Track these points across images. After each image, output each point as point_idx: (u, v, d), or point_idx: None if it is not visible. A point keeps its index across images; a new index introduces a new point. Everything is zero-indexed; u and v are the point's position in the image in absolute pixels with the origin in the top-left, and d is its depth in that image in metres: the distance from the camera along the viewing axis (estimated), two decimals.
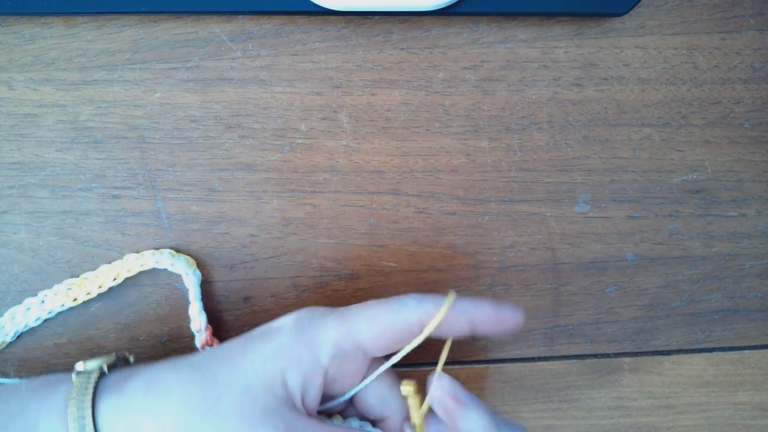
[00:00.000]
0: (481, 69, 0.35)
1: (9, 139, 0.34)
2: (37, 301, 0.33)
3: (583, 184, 0.35)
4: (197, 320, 0.33)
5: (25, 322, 0.33)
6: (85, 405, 0.25)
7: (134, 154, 0.34)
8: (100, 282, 0.33)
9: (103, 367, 0.27)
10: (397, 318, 0.28)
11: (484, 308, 0.29)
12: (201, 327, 0.33)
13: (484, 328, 0.29)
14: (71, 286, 0.33)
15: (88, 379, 0.26)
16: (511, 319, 0.29)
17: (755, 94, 0.36)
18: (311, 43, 0.34)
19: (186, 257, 0.34)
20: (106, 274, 0.33)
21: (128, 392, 0.25)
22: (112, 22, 0.34)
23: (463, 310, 0.28)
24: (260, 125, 0.34)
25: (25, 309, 0.33)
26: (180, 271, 0.33)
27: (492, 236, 0.35)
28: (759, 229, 0.36)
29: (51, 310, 0.33)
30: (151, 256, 0.33)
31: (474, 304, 0.29)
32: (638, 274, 0.36)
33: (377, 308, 0.28)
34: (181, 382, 0.25)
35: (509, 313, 0.29)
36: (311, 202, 0.35)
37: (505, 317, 0.29)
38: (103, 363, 0.27)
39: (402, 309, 0.28)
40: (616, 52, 0.35)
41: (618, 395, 0.37)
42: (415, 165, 0.35)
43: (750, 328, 0.37)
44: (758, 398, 0.37)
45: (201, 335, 0.33)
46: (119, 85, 0.34)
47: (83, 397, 0.25)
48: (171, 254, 0.33)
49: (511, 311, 0.29)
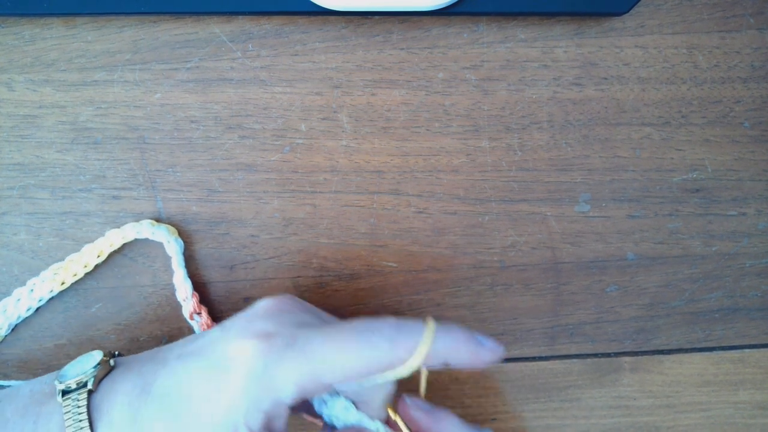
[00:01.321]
0: (481, 69, 0.35)
1: (9, 140, 0.34)
2: (26, 290, 0.33)
3: (583, 184, 0.35)
4: (182, 288, 0.33)
5: (18, 314, 0.33)
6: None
7: (134, 154, 0.34)
8: (85, 261, 0.33)
9: (89, 384, 0.27)
10: (367, 365, 0.26)
11: (463, 344, 0.27)
12: (187, 295, 0.33)
13: (460, 363, 0.27)
14: (57, 270, 0.33)
15: (78, 405, 0.26)
16: (489, 354, 0.27)
17: (755, 93, 0.36)
18: (311, 43, 0.34)
19: (167, 225, 0.34)
20: (90, 253, 0.33)
21: (117, 428, 0.26)
22: (112, 22, 0.34)
23: (439, 351, 0.26)
24: (260, 125, 0.34)
25: (15, 300, 0.33)
26: (161, 239, 0.33)
27: (492, 236, 0.35)
28: (759, 228, 0.36)
29: (41, 298, 0.33)
30: (131, 228, 0.33)
31: (452, 339, 0.27)
32: (638, 273, 0.36)
33: (344, 352, 0.26)
34: (157, 426, 0.25)
35: (488, 350, 0.27)
36: (311, 203, 0.35)
37: (483, 353, 0.27)
38: (90, 380, 0.27)
39: (372, 354, 0.26)
40: (616, 51, 0.35)
41: (619, 394, 0.37)
42: (415, 165, 0.35)
43: (750, 327, 0.37)
44: (758, 397, 0.37)
45: (188, 303, 0.33)
46: (119, 85, 0.34)
47: (79, 425, 0.26)
48: (151, 224, 0.33)
49: (490, 346, 0.27)
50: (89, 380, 0.27)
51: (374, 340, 0.26)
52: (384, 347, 0.26)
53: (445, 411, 0.30)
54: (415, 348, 0.26)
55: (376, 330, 0.26)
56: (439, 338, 0.26)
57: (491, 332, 0.36)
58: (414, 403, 0.30)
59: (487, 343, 0.27)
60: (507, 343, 0.36)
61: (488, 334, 0.28)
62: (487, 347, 0.27)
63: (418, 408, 0.29)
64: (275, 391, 0.25)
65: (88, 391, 0.27)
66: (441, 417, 0.29)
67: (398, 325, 0.27)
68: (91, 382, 0.27)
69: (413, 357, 0.26)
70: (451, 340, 0.27)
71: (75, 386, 0.27)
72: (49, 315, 0.34)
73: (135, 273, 0.34)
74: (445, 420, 0.29)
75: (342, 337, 0.26)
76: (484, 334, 0.27)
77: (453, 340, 0.27)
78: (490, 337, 0.28)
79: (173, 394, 0.26)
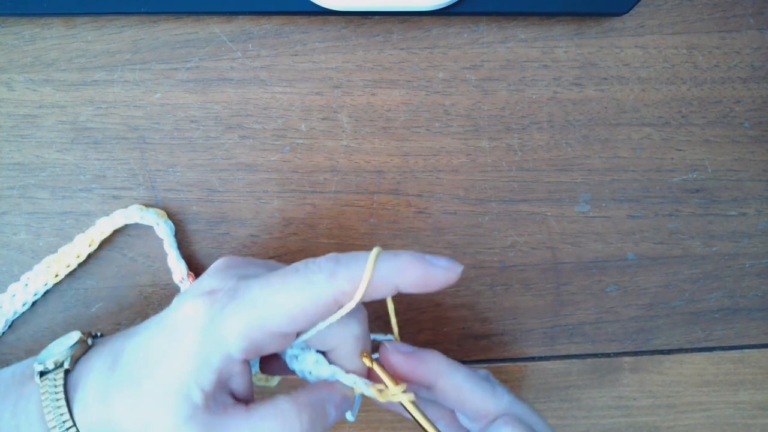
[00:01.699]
0: (481, 69, 0.35)
1: (9, 140, 0.34)
2: (20, 285, 0.33)
3: (583, 184, 0.35)
4: (177, 269, 0.33)
5: (14, 309, 0.33)
6: (62, 412, 0.26)
7: (134, 154, 0.34)
8: (77, 252, 0.33)
9: (66, 364, 0.27)
10: (308, 302, 0.24)
11: (410, 266, 0.25)
12: (183, 276, 0.33)
13: (413, 289, 0.25)
14: (50, 263, 0.33)
15: (55, 385, 0.26)
16: (443, 273, 0.25)
17: (755, 94, 0.36)
18: (311, 43, 0.34)
19: (155, 209, 0.34)
20: (81, 242, 0.33)
21: (90, 403, 0.26)
22: (112, 22, 0.34)
23: (386, 276, 0.25)
24: (260, 125, 0.34)
25: (10, 296, 0.33)
26: (150, 222, 0.33)
27: (492, 236, 0.35)
28: (759, 228, 0.36)
29: (36, 292, 0.33)
30: (120, 214, 0.33)
31: (398, 261, 0.25)
32: (638, 273, 0.36)
33: (283, 292, 0.25)
34: (120, 395, 0.25)
35: (441, 269, 0.25)
36: (311, 203, 0.35)
37: (435, 272, 0.25)
38: (67, 359, 0.27)
39: (311, 289, 0.24)
40: (616, 51, 0.35)
41: (618, 395, 0.37)
42: (415, 165, 0.35)
43: (750, 327, 0.37)
44: (758, 397, 0.37)
45: (184, 284, 0.33)
46: (119, 85, 0.34)
47: (56, 403, 0.26)
48: (139, 208, 0.33)
49: (443, 264, 0.25)
50: (66, 360, 0.27)
51: (313, 276, 0.25)
52: (323, 281, 0.25)
53: (429, 351, 0.29)
54: (357, 278, 0.25)
55: (314, 266, 0.25)
56: (384, 263, 0.25)
57: (491, 332, 0.36)
58: (393, 347, 0.28)
59: (440, 261, 0.25)
60: (507, 343, 0.36)
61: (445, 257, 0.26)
62: (439, 266, 0.25)
63: (397, 352, 0.28)
64: (223, 346, 0.24)
65: (65, 370, 0.27)
66: (425, 358, 0.28)
67: (337, 257, 0.25)
68: (68, 361, 0.27)
69: (358, 287, 0.25)
70: (397, 263, 0.25)
71: (53, 366, 0.27)
72: (50, 315, 0.34)
73: (135, 273, 0.34)
74: (429, 360, 0.28)
75: (281, 279, 0.25)
76: (438, 255, 0.26)
77: (399, 263, 0.25)
78: (444, 256, 0.26)
79: (136, 362, 0.26)
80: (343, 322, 0.26)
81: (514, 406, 0.28)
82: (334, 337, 0.27)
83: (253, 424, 0.25)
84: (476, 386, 0.28)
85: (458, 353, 0.36)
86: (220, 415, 0.25)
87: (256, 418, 0.25)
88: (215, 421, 0.25)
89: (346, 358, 0.27)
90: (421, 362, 0.28)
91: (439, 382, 0.28)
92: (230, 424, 0.25)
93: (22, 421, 0.26)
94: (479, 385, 0.28)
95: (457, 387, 0.28)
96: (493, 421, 0.28)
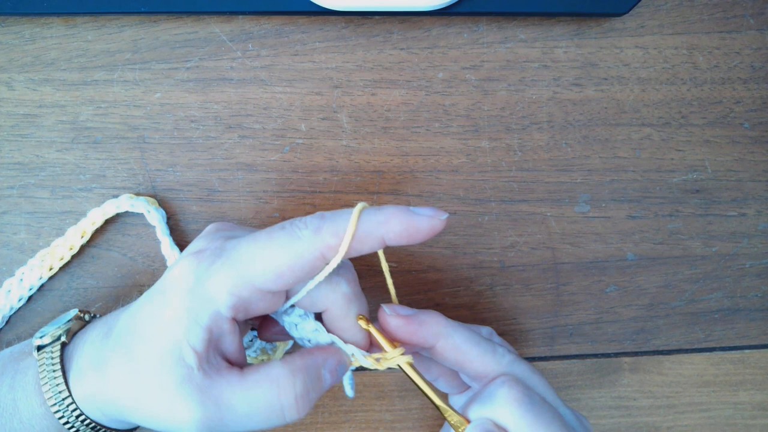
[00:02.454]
0: (481, 69, 0.35)
1: (9, 140, 0.34)
2: (15, 280, 0.33)
3: (583, 184, 0.35)
4: (171, 256, 0.33)
5: (10, 305, 0.33)
6: (58, 383, 0.26)
7: (134, 154, 0.34)
8: (70, 244, 0.33)
9: (62, 338, 0.27)
10: (294, 257, 0.25)
11: (394, 217, 0.25)
12: None
13: (399, 240, 0.26)
14: (44, 256, 0.33)
15: (52, 357, 0.27)
16: (427, 221, 0.25)
17: (755, 94, 0.36)
18: (311, 43, 0.34)
19: (145, 197, 0.34)
20: (74, 234, 0.33)
21: (85, 372, 0.26)
22: (112, 22, 0.34)
23: (371, 229, 0.25)
24: (260, 125, 0.34)
25: (5, 292, 0.33)
26: (141, 210, 0.33)
27: (492, 236, 0.35)
28: (759, 228, 0.36)
29: (31, 286, 0.33)
30: (111, 204, 0.33)
31: (382, 214, 0.25)
32: (638, 273, 0.36)
33: (269, 248, 0.25)
34: (114, 362, 0.26)
35: (425, 217, 0.25)
36: (311, 202, 0.35)
37: (419, 221, 0.25)
38: (63, 333, 0.27)
39: (297, 245, 0.25)
40: (616, 52, 0.35)
41: (618, 395, 0.37)
42: (415, 165, 0.35)
43: (750, 328, 0.37)
44: (758, 398, 0.37)
45: None
46: (119, 85, 0.34)
47: (53, 374, 0.26)
48: (129, 197, 0.33)
49: (427, 213, 0.26)
50: (62, 334, 0.27)
51: (298, 231, 0.25)
52: (308, 236, 0.25)
53: (428, 313, 0.28)
54: (342, 231, 0.25)
55: (300, 222, 0.25)
56: (368, 216, 0.25)
57: None
58: (392, 311, 0.28)
59: (424, 210, 0.26)
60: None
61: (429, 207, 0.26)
62: (423, 215, 0.25)
63: (396, 315, 0.28)
64: (211, 303, 0.25)
65: (62, 343, 0.27)
66: (423, 320, 0.28)
67: (323, 214, 0.26)
68: (65, 335, 0.27)
69: (342, 241, 0.25)
70: (381, 215, 0.25)
71: (50, 341, 0.27)
72: (49, 314, 0.34)
73: (135, 273, 0.34)
74: (428, 322, 0.28)
75: (267, 236, 0.25)
76: (422, 206, 0.26)
77: (384, 215, 0.25)
78: (427, 206, 0.26)
79: (128, 328, 0.26)
80: (332, 281, 0.26)
81: (515, 366, 0.28)
82: (324, 297, 0.27)
83: (247, 387, 0.25)
84: (476, 347, 0.28)
85: None
86: (214, 378, 0.25)
87: (250, 382, 0.25)
88: (210, 383, 0.25)
89: (339, 319, 0.27)
90: (419, 325, 0.28)
91: (438, 344, 0.28)
92: (224, 387, 0.25)
93: (19, 394, 0.27)
94: (479, 345, 0.28)
95: (456, 348, 0.28)
96: (493, 380, 0.28)
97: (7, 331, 0.34)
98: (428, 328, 0.28)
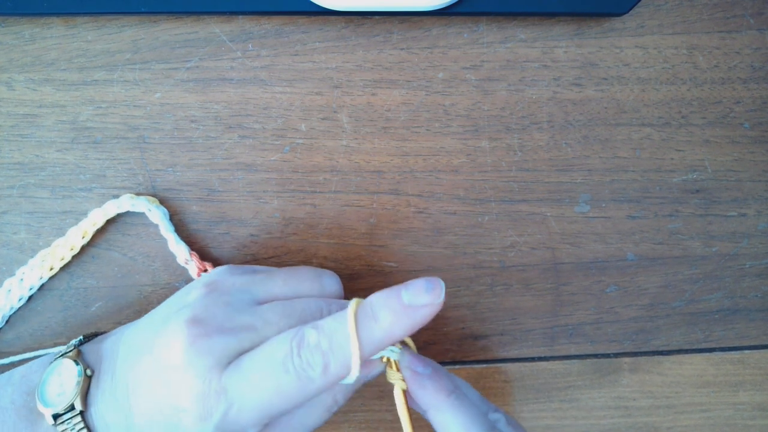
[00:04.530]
0: (481, 69, 0.35)
1: (9, 140, 0.34)
2: (16, 280, 0.33)
3: (583, 184, 0.35)
4: (179, 252, 0.33)
5: (10, 305, 0.33)
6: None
7: (134, 154, 0.34)
8: (71, 244, 0.33)
9: (78, 404, 0.27)
10: (307, 398, 0.25)
11: (397, 330, 0.25)
12: (186, 257, 0.33)
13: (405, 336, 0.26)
14: (45, 256, 0.33)
15: (74, 429, 0.27)
16: (429, 312, 0.25)
17: (755, 94, 0.36)
18: (311, 43, 0.34)
19: (146, 196, 0.34)
20: (75, 234, 0.33)
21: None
22: (112, 22, 0.34)
23: (376, 347, 0.25)
24: (260, 125, 0.34)
25: (6, 291, 0.33)
26: (142, 209, 0.33)
27: (492, 236, 0.35)
28: (759, 228, 0.36)
29: (32, 286, 0.33)
30: (112, 204, 0.33)
31: (384, 334, 0.25)
32: (638, 273, 0.36)
33: (282, 396, 0.25)
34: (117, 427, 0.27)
35: (425, 310, 0.25)
36: (311, 202, 0.35)
37: (421, 320, 0.25)
38: (76, 400, 0.27)
39: (309, 388, 0.25)
40: (616, 52, 0.35)
41: (618, 395, 0.37)
42: (415, 165, 0.35)
43: (750, 328, 0.37)
44: (758, 398, 0.37)
45: (191, 265, 0.33)
46: (119, 85, 0.34)
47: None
48: (130, 197, 0.33)
49: (426, 305, 0.25)
50: (75, 400, 0.27)
51: (307, 374, 0.25)
52: (318, 377, 0.25)
53: (434, 380, 0.28)
54: (349, 360, 0.25)
55: (304, 362, 0.25)
56: (368, 335, 0.25)
57: (491, 332, 0.36)
58: (411, 361, 0.28)
59: (419, 299, 0.25)
60: (507, 343, 0.36)
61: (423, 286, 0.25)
62: (421, 305, 0.25)
63: (408, 368, 0.28)
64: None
65: (80, 412, 0.27)
66: (425, 384, 0.28)
67: (320, 346, 0.25)
68: (78, 402, 0.27)
69: (351, 368, 0.25)
70: (382, 333, 0.25)
71: (64, 410, 0.27)
72: (49, 314, 0.34)
73: (135, 272, 0.34)
74: (429, 389, 0.28)
75: (275, 383, 0.25)
76: (416, 284, 0.25)
77: (383, 331, 0.25)
78: (422, 283, 0.25)
79: (155, 412, 0.26)
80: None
81: None
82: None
83: None
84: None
85: (458, 353, 0.36)
86: None
87: None
88: None
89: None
90: (419, 387, 0.28)
91: (429, 413, 0.28)
92: None
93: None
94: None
95: (443, 426, 0.27)
96: None
97: (7, 331, 0.34)
98: (425, 394, 0.28)
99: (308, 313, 0.27)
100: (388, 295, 0.25)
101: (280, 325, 0.27)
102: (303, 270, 0.30)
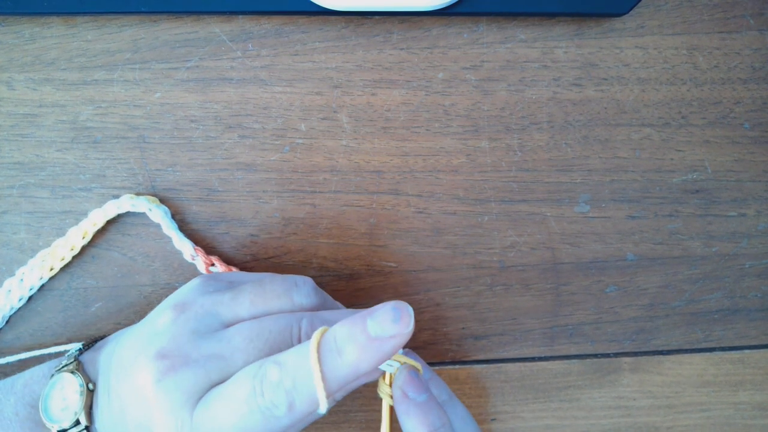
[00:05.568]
0: (481, 69, 0.35)
1: (9, 139, 0.34)
2: (16, 280, 0.33)
3: (583, 184, 0.35)
4: (185, 248, 0.33)
5: (10, 305, 0.33)
6: None
7: (134, 154, 0.34)
8: (71, 244, 0.33)
9: (83, 420, 0.27)
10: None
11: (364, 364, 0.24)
12: (192, 252, 0.33)
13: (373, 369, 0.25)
14: (45, 256, 0.33)
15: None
16: (398, 342, 0.24)
17: (755, 94, 0.36)
18: (311, 43, 0.34)
19: (146, 196, 0.34)
20: (75, 235, 0.33)
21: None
22: (112, 22, 0.34)
23: (342, 383, 0.24)
24: (260, 125, 0.34)
25: (6, 291, 0.33)
26: (143, 209, 0.33)
27: (492, 236, 0.35)
28: (759, 228, 0.36)
29: (32, 286, 0.33)
30: (112, 204, 0.33)
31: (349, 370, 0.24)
32: (638, 273, 0.36)
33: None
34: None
35: (390, 339, 0.23)
36: (311, 202, 0.35)
37: (387, 348, 0.24)
38: (81, 415, 0.27)
39: (276, 424, 0.25)
40: (616, 52, 0.35)
41: (618, 395, 0.37)
42: (415, 165, 0.35)
43: (750, 328, 0.37)
44: (758, 398, 0.37)
45: (198, 260, 0.33)
46: (119, 85, 0.34)
47: None
48: (130, 197, 0.33)
49: (391, 333, 0.23)
50: (80, 416, 0.27)
51: (272, 412, 0.24)
52: (284, 414, 0.24)
53: (418, 415, 0.27)
54: (315, 396, 0.24)
55: (268, 402, 0.24)
56: (333, 369, 0.24)
57: (491, 332, 0.36)
58: (407, 385, 0.27)
59: (386, 329, 0.23)
60: (506, 343, 0.36)
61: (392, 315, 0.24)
62: (387, 335, 0.23)
63: (402, 393, 0.27)
64: None
65: (86, 427, 0.27)
66: (409, 413, 0.27)
67: (283, 384, 0.24)
68: (83, 417, 0.27)
69: (318, 402, 0.24)
70: (347, 369, 0.24)
71: (69, 426, 0.27)
72: (49, 314, 0.34)
73: (135, 272, 0.34)
74: (412, 418, 0.27)
75: (240, 421, 0.24)
76: (382, 311, 0.24)
77: (348, 367, 0.24)
78: (387, 308, 0.24)
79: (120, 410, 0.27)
80: None
81: None
82: None
83: None
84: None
85: (458, 353, 0.36)
86: None
87: None
88: None
89: None
90: (404, 413, 0.27)
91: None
92: None
93: None
94: None
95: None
96: None
97: (7, 331, 0.34)
98: (406, 421, 0.27)
99: (276, 334, 0.26)
100: (352, 325, 0.24)
101: (248, 350, 0.26)
102: (273, 284, 0.29)
